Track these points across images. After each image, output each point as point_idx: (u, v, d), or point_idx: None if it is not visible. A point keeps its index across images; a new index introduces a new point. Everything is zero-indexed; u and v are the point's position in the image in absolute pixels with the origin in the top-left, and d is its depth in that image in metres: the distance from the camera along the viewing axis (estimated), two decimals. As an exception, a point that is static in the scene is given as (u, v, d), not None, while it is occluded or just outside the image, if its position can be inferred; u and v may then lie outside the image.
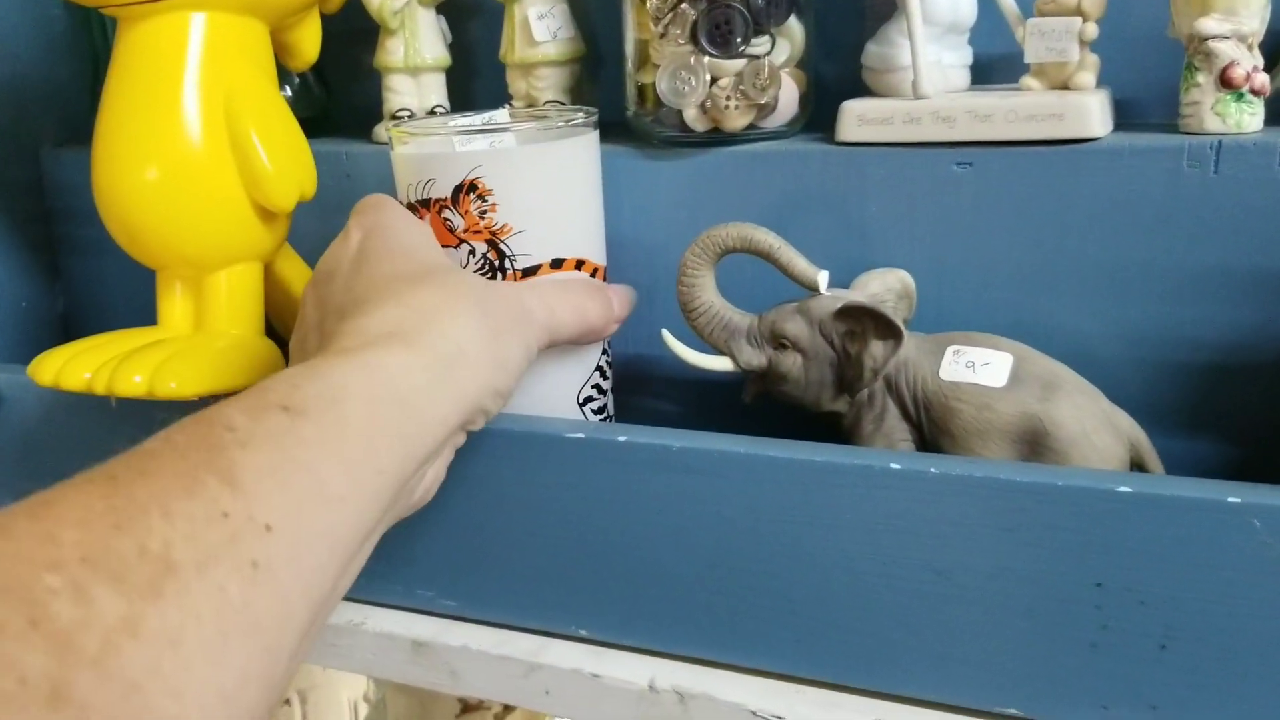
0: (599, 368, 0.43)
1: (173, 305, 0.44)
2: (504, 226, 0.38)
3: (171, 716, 0.21)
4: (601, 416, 0.43)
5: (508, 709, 0.71)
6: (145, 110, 0.41)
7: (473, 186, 0.38)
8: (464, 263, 0.39)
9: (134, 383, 0.38)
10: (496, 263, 0.39)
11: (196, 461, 0.25)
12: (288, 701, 0.62)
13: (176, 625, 0.22)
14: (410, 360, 0.30)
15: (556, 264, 0.40)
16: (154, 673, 0.21)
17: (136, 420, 0.43)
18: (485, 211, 0.38)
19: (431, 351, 0.31)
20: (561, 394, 0.41)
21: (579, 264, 0.41)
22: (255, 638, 0.23)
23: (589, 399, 0.42)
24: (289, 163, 0.43)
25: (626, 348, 0.47)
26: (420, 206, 0.39)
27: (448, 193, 0.38)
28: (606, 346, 0.43)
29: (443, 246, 0.39)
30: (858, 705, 0.34)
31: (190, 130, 0.41)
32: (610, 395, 0.44)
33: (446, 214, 0.38)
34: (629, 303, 0.42)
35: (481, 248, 0.39)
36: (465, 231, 0.39)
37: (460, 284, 0.34)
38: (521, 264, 0.39)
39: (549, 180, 0.39)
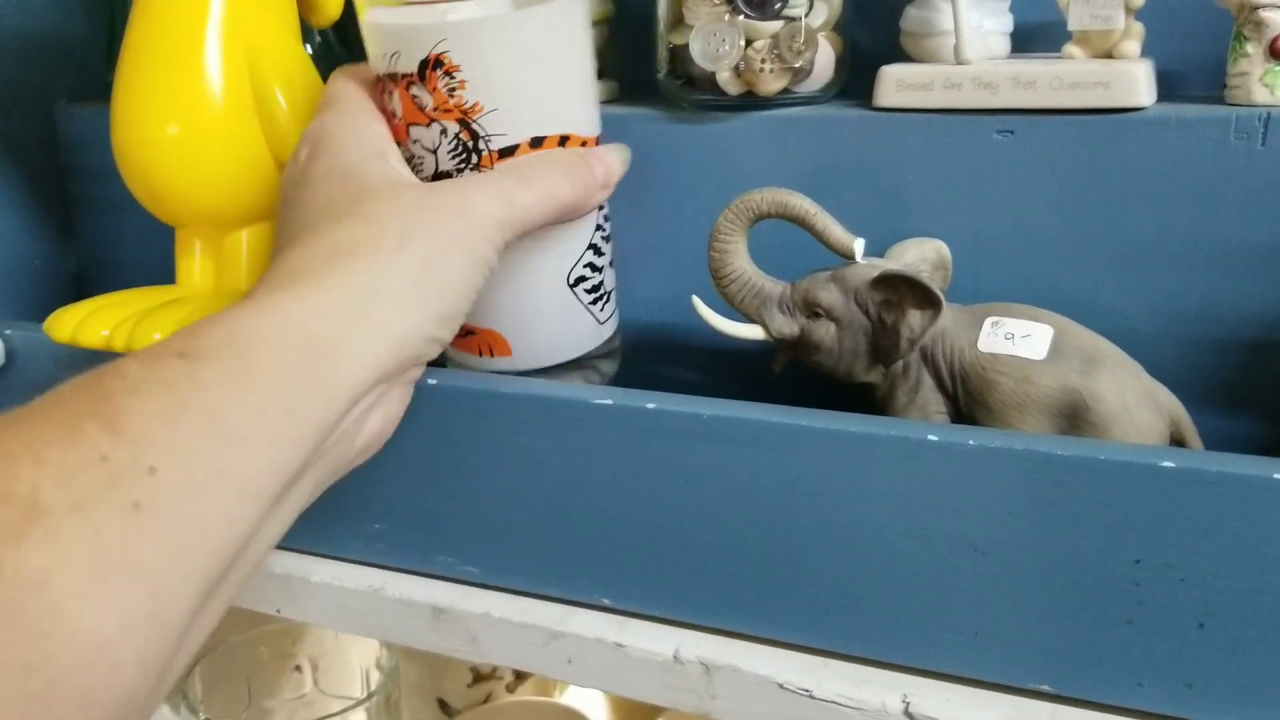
0: (592, 245, 0.39)
1: (191, 264, 0.43)
2: (475, 105, 0.35)
3: (35, 659, 0.21)
4: (597, 296, 0.40)
5: (519, 678, 0.71)
6: (167, 65, 0.40)
7: (439, 62, 0.34)
8: (436, 144, 0.36)
9: (154, 340, 0.38)
10: (470, 144, 0.36)
11: (79, 410, 0.24)
12: (298, 668, 0.62)
13: (40, 568, 0.22)
14: (320, 300, 0.29)
15: (536, 142, 0.36)
16: (10, 616, 0.21)
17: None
18: (454, 89, 0.35)
19: (343, 291, 0.29)
20: (547, 277, 0.39)
21: (563, 140, 0.37)
22: (138, 580, 0.23)
23: (581, 279, 0.39)
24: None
25: (653, 314, 0.46)
26: (388, 80, 0.36)
27: (414, 68, 0.35)
28: (602, 221, 0.40)
29: (414, 125, 0.36)
30: (887, 680, 0.33)
31: (212, 85, 0.40)
32: (610, 271, 0.41)
33: (415, 90, 0.35)
34: (619, 163, 0.38)
35: (453, 128, 0.35)
36: (435, 110, 0.35)
37: (388, 213, 0.32)
38: (498, 144, 0.36)
39: (522, 53, 0.35)
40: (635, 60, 0.48)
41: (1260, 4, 0.37)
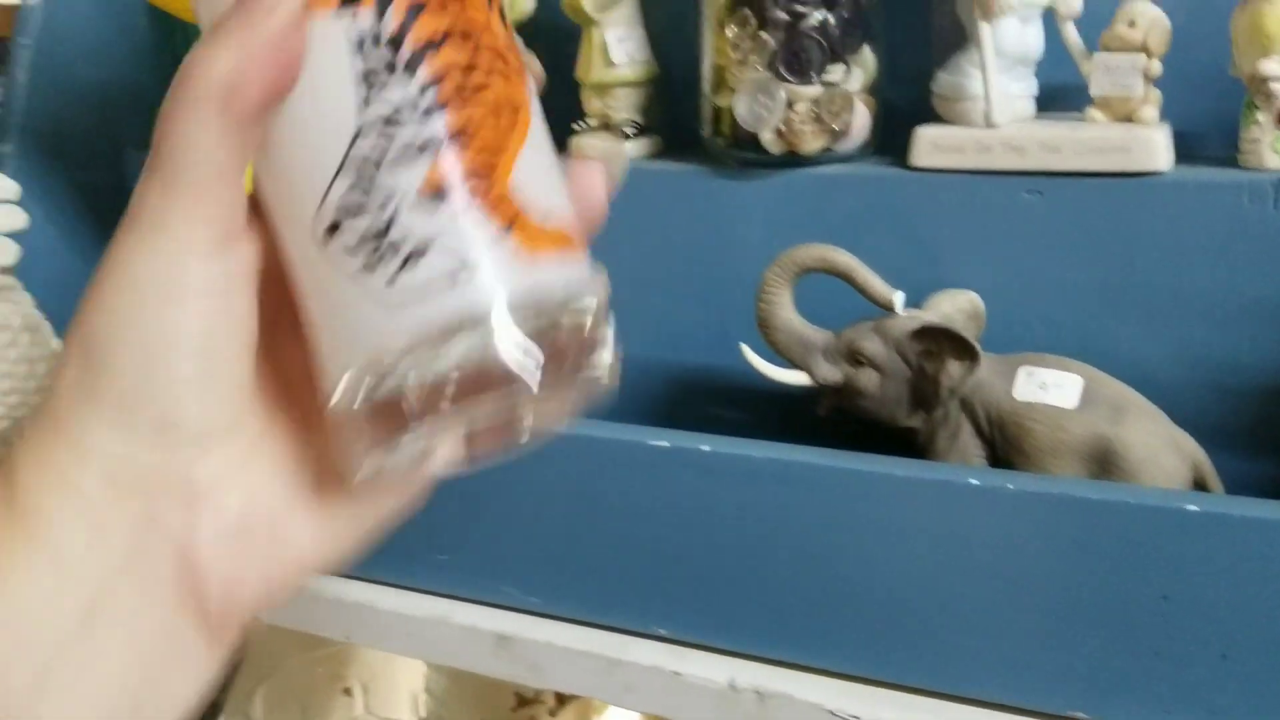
0: (346, 160, 0.20)
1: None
2: None
3: None
4: (375, 249, 0.21)
5: (561, 703, 0.73)
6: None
7: None
8: None
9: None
10: None
11: None
12: (348, 691, 0.64)
13: None
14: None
15: None
16: None
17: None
18: None
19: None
20: (291, 236, 0.21)
21: None
22: None
23: (334, 227, 0.21)
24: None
25: (704, 357, 0.48)
26: None
27: None
28: (380, 122, 0.20)
29: None
30: (931, 707, 0.36)
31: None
32: (424, 215, 0.20)
33: None
34: None
35: None
36: None
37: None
38: None
39: None
40: (678, 118, 0.51)
41: (1271, 76, 0.40)
